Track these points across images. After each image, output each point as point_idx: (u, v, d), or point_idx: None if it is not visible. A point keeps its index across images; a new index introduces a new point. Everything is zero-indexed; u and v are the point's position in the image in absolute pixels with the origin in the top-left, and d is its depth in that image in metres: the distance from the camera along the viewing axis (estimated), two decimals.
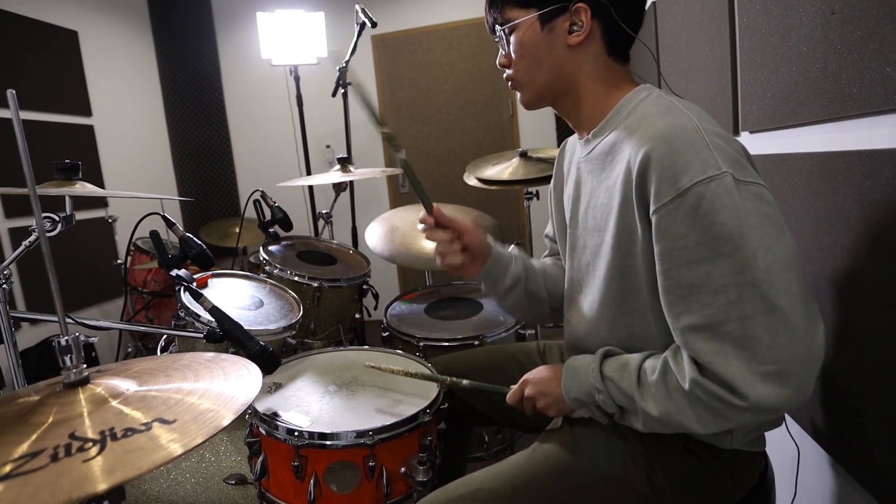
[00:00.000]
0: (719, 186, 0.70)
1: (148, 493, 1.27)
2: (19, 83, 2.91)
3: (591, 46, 0.89)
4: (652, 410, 0.78)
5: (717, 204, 0.70)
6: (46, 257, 0.72)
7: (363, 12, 2.55)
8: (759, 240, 0.70)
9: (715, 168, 0.71)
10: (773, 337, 0.70)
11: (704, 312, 0.72)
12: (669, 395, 0.77)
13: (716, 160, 0.72)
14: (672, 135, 0.75)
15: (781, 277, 0.70)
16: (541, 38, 0.90)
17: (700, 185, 0.71)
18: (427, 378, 1.15)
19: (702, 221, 0.71)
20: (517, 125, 3.91)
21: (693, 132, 0.75)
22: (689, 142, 0.73)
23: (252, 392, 0.69)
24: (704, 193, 0.70)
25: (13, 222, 2.80)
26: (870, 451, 0.90)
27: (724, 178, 0.71)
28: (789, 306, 0.70)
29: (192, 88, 4.12)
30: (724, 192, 0.70)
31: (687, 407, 0.76)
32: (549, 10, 0.88)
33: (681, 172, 0.72)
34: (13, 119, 0.67)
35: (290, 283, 1.73)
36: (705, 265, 0.72)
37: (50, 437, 0.59)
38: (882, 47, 0.79)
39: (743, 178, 0.72)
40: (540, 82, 0.93)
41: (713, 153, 0.72)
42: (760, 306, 0.70)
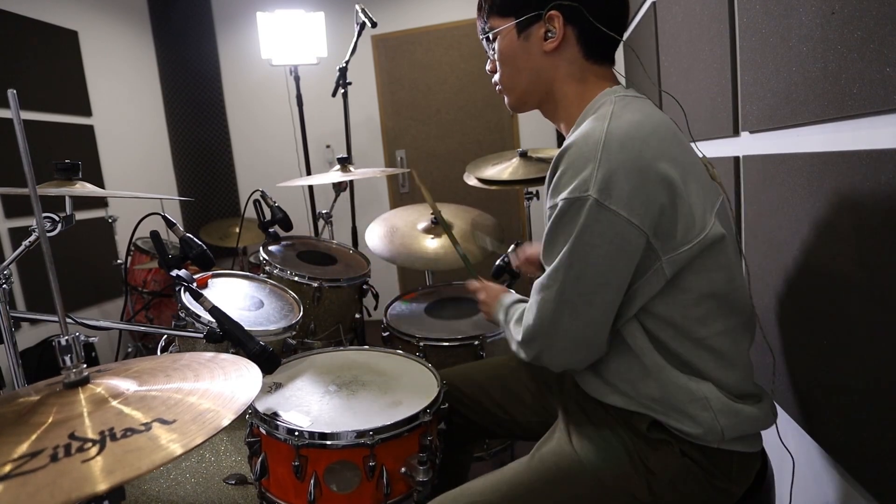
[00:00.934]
0: (581, 207, 0.79)
1: (148, 493, 1.27)
2: (19, 83, 2.91)
3: (566, 51, 0.92)
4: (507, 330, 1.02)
5: (565, 219, 0.82)
6: (46, 257, 0.72)
7: (363, 12, 2.55)
8: (583, 254, 0.81)
9: (583, 189, 0.79)
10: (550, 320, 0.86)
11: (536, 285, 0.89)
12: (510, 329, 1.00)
13: (590, 180, 0.78)
14: (577, 144, 0.82)
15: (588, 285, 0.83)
16: (518, 46, 0.94)
17: (567, 201, 0.80)
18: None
19: (555, 227, 0.84)
20: (517, 125, 3.91)
21: (593, 146, 0.80)
22: (583, 157, 0.80)
23: (252, 392, 0.69)
24: (567, 209, 0.81)
25: (13, 222, 2.80)
26: (869, 451, 0.90)
27: (587, 201, 0.79)
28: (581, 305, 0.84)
29: (192, 88, 4.12)
30: (575, 213, 0.80)
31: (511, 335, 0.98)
32: (525, 19, 0.91)
33: (564, 185, 0.82)
34: (14, 119, 0.67)
35: (290, 283, 1.73)
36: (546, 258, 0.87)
37: (50, 438, 0.59)
38: (882, 47, 0.79)
39: (607, 203, 0.78)
40: (521, 88, 0.98)
41: (596, 171, 0.78)
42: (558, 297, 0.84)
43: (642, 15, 2.23)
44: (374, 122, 4.09)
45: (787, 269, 1.12)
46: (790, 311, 1.13)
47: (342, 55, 2.69)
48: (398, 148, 4.09)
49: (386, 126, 4.09)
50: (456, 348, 1.60)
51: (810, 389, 1.08)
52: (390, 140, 4.09)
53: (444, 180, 4.01)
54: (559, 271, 0.84)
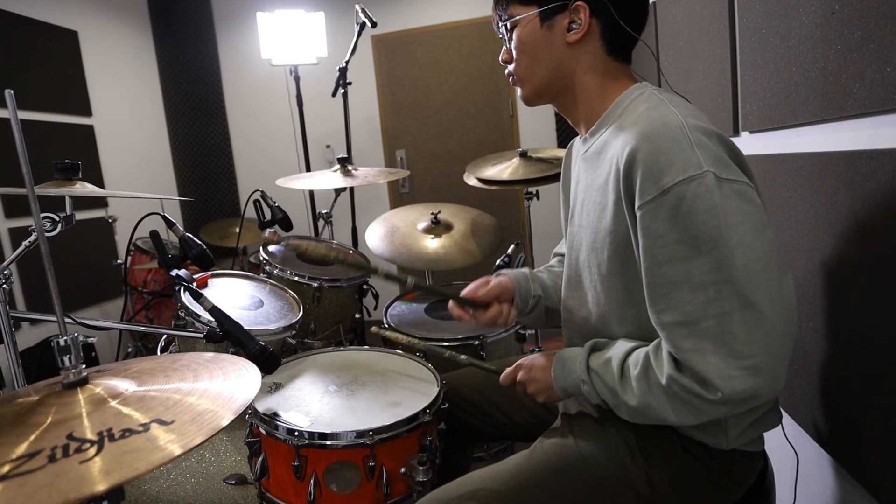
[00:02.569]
0: (700, 185, 0.72)
1: (148, 493, 1.27)
2: (19, 83, 2.91)
3: (589, 44, 0.90)
4: (631, 402, 0.81)
5: (697, 203, 0.72)
6: (46, 257, 0.72)
7: (363, 12, 2.55)
8: (738, 238, 0.72)
9: (696, 167, 0.72)
10: (748, 332, 0.71)
11: (684, 309, 0.74)
12: (650, 389, 0.79)
13: (698, 159, 0.73)
14: (656, 133, 0.76)
15: (759, 275, 0.72)
16: (540, 35, 0.91)
17: (681, 184, 0.72)
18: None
19: (682, 220, 0.73)
20: (517, 125, 3.90)
21: (677, 130, 0.76)
22: (673, 140, 0.75)
23: (251, 392, 0.69)
24: (685, 193, 0.72)
25: (13, 222, 2.80)
26: (870, 452, 0.89)
27: (706, 177, 0.72)
28: (766, 303, 0.71)
29: (192, 88, 4.12)
30: (704, 192, 0.72)
31: (665, 401, 0.78)
32: (550, 8, 0.89)
33: (663, 171, 0.73)
34: (11, 119, 0.67)
35: (290, 283, 1.73)
36: (684, 263, 0.74)
37: (48, 438, 0.59)
38: (882, 47, 0.78)
39: (725, 175, 0.73)
40: (539, 79, 0.95)
41: (696, 151, 0.73)
42: (737, 303, 0.71)
43: None
44: (374, 122, 4.09)
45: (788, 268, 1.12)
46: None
47: (342, 55, 2.69)
48: (398, 148, 4.08)
49: (386, 126, 4.09)
50: (456, 348, 1.60)
51: (811, 390, 1.08)
52: (390, 140, 4.09)
53: (444, 180, 4.01)
54: (719, 270, 0.71)
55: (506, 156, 2.22)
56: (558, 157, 2.13)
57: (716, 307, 0.72)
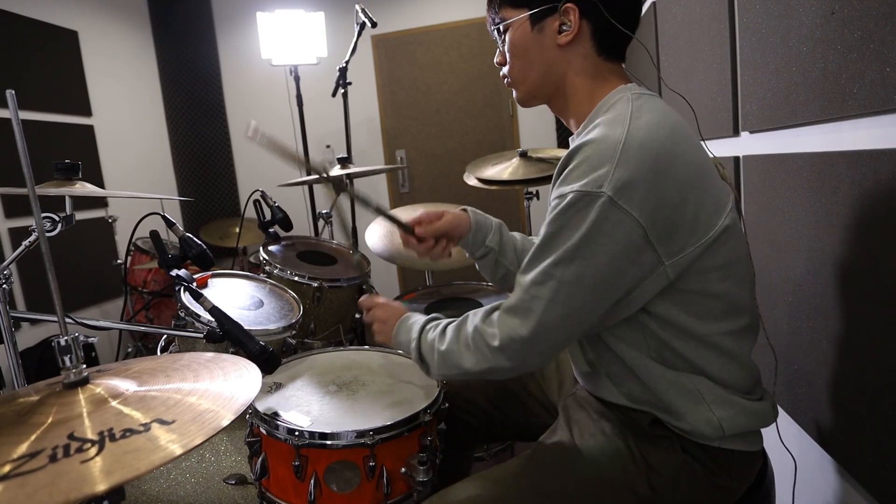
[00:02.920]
0: (591, 203, 0.77)
1: (148, 493, 1.27)
2: (19, 83, 2.91)
3: (580, 46, 0.91)
4: (440, 346, 0.95)
5: (572, 211, 0.79)
6: (46, 257, 0.72)
7: (363, 12, 2.55)
8: (589, 253, 0.79)
9: (597, 185, 0.77)
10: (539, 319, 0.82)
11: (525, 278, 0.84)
12: (457, 338, 0.93)
13: (605, 178, 0.77)
14: (595, 142, 0.80)
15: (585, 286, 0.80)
16: (531, 38, 0.92)
17: (577, 193, 0.78)
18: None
19: (560, 218, 0.80)
20: (517, 125, 3.90)
21: (612, 144, 0.78)
22: (601, 154, 0.78)
23: (252, 392, 0.69)
24: (576, 202, 0.78)
25: (13, 222, 2.80)
26: (871, 452, 0.90)
27: (600, 198, 0.77)
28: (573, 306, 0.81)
29: (192, 88, 4.12)
30: (585, 207, 0.78)
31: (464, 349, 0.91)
32: (540, 11, 0.90)
33: (575, 179, 0.79)
34: (12, 119, 0.67)
35: (290, 283, 1.73)
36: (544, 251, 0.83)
37: (49, 438, 0.59)
38: (882, 47, 0.79)
39: (621, 202, 0.76)
40: (531, 81, 0.96)
41: (613, 172, 0.77)
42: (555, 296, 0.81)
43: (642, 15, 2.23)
44: (374, 122, 4.09)
45: (788, 268, 1.12)
46: (791, 311, 1.12)
47: (342, 55, 2.69)
48: (398, 148, 4.08)
49: (386, 126, 4.09)
50: None
51: (811, 389, 1.08)
52: (390, 140, 4.09)
53: (444, 180, 4.01)
54: (558, 267, 0.80)
55: (506, 156, 2.22)
56: (558, 157, 2.12)
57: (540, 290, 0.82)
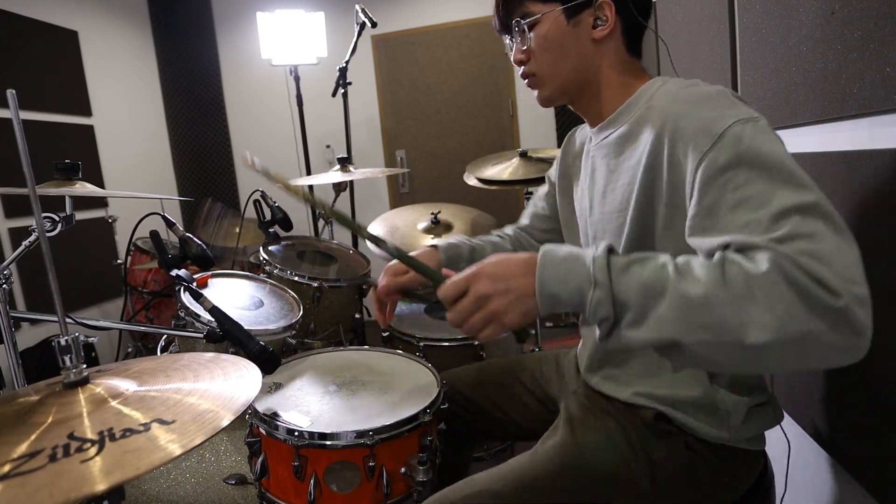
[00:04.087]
0: (756, 126, 0.69)
1: (148, 493, 1.27)
2: (19, 83, 2.91)
3: (613, 41, 0.91)
4: (692, 291, 0.62)
5: (758, 139, 0.68)
6: (46, 257, 0.72)
7: (363, 12, 2.55)
8: (801, 172, 0.66)
9: (747, 114, 0.71)
10: (847, 257, 0.60)
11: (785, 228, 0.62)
12: (730, 278, 0.61)
13: (747, 109, 0.73)
14: (696, 98, 0.77)
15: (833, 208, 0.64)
16: (567, 32, 0.90)
17: (736, 125, 0.69)
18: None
19: (748, 155, 0.67)
20: (517, 125, 3.91)
21: (719, 94, 0.76)
22: (715, 100, 0.75)
23: (252, 392, 0.69)
24: (743, 131, 0.69)
25: (13, 222, 2.80)
26: (870, 451, 0.89)
27: (760, 121, 0.70)
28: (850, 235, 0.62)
29: (192, 88, 4.12)
30: (761, 131, 0.69)
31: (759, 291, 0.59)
32: (575, 4, 0.89)
33: (713, 121, 0.71)
34: (13, 119, 0.67)
35: (290, 283, 1.73)
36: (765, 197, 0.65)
37: (49, 438, 0.59)
38: (882, 47, 0.79)
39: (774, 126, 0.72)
40: (564, 76, 0.93)
41: (740, 107, 0.73)
42: (829, 226, 0.61)
43: None
44: (374, 122, 4.09)
45: None
46: None
47: (342, 55, 2.69)
48: (398, 148, 4.08)
49: (386, 126, 4.09)
50: (456, 348, 1.60)
51: (810, 389, 1.08)
52: (390, 140, 4.09)
53: (444, 180, 4.01)
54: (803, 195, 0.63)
55: (506, 156, 2.22)
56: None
57: (807, 226, 0.61)
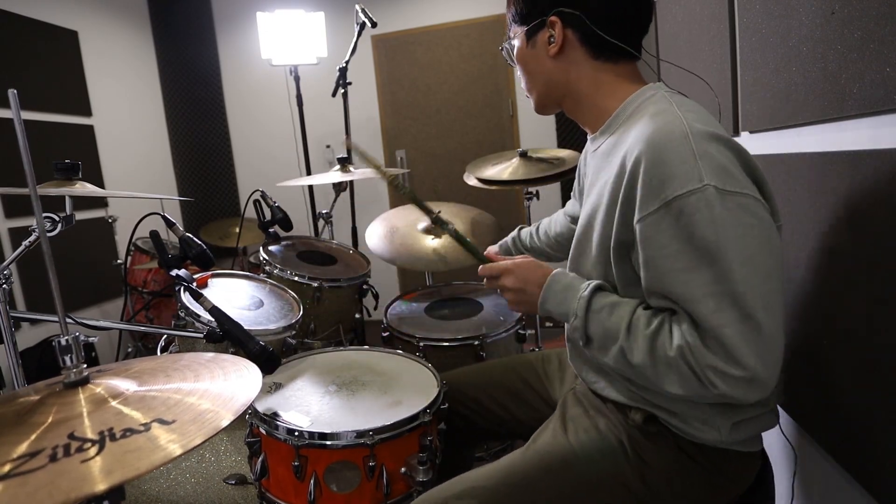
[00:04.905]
0: (700, 200, 0.72)
1: (148, 493, 1.27)
2: (19, 83, 2.91)
3: (571, 53, 0.93)
4: (632, 357, 0.79)
5: (696, 217, 0.72)
6: (46, 257, 0.72)
7: (363, 12, 2.55)
8: (738, 251, 0.71)
9: (697, 181, 0.72)
10: (747, 345, 0.71)
11: (699, 308, 0.73)
12: (653, 353, 0.77)
13: (699, 171, 0.73)
14: (660, 142, 0.76)
15: (758, 289, 0.71)
16: (528, 52, 0.98)
17: (681, 198, 0.72)
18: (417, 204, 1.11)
19: (683, 232, 0.73)
20: (517, 125, 3.90)
21: (681, 140, 0.75)
22: (676, 151, 0.75)
23: (252, 392, 0.69)
24: (684, 207, 0.72)
25: (13, 222, 2.80)
26: (870, 452, 0.89)
27: (706, 190, 0.72)
28: (765, 317, 0.71)
29: (192, 88, 4.12)
30: (703, 206, 0.72)
31: (667, 370, 0.76)
32: (532, 26, 0.94)
33: (664, 184, 0.74)
34: (14, 119, 0.67)
35: (290, 283, 1.73)
36: (687, 274, 0.73)
37: (49, 438, 0.59)
38: (882, 47, 0.79)
39: (728, 188, 0.73)
40: (538, 91, 1.01)
41: (698, 163, 0.73)
42: (737, 315, 0.71)
43: None
44: (374, 122, 4.09)
45: (787, 268, 1.12)
46: (790, 311, 1.12)
47: (342, 55, 2.69)
48: (398, 148, 4.08)
49: (386, 126, 4.09)
50: (456, 348, 1.60)
51: (811, 390, 1.08)
52: (390, 140, 4.09)
53: (445, 180, 4.01)
54: (719, 283, 0.71)
55: (506, 156, 2.22)
56: (558, 157, 2.13)
57: (718, 318, 0.71)
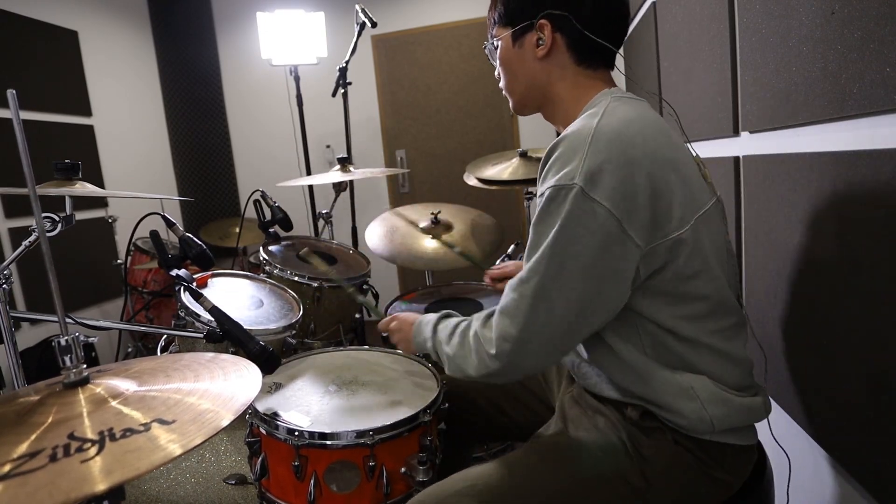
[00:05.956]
0: (567, 195, 0.80)
1: (148, 493, 1.27)
2: (19, 83, 2.91)
3: (557, 57, 0.95)
4: (449, 351, 0.96)
5: (552, 207, 0.82)
6: (46, 257, 0.72)
7: (363, 12, 2.55)
8: (562, 247, 0.81)
9: (569, 178, 0.80)
10: (534, 315, 0.83)
11: (516, 279, 0.86)
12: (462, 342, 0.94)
13: (576, 170, 0.80)
14: (567, 138, 0.84)
15: (567, 278, 0.81)
16: (514, 53, 0.99)
17: (553, 189, 0.82)
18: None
19: (542, 216, 0.84)
20: (517, 125, 3.90)
21: (583, 138, 0.82)
22: (572, 148, 0.82)
23: (252, 392, 0.69)
24: (554, 197, 0.82)
25: (13, 222, 2.80)
26: (868, 450, 0.90)
27: (572, 189, 0.80)
28: (559, 303, 0.82)
29: (192, 88, 4.12)
30: (562, 200, 0.81)
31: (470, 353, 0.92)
32: (520, 28, 0.96)
33: (550, 175, 0.84)
34: (13, 119, 0.67)
35: (290, 283, 1.73)
36: (531, 250, 0.85)
37: (49, 438, 0.59)
38: (882, 47, 0.79)
39: (592, 193, 0.79)
40: (519, 93, 1.02)
41: (584, 162, 0.80)
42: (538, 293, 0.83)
43: (642, 15, 2.23)
44: (374, 122, 4.09)
45: (788, 268, 1.12)
46: (790, 311, 1.13)
47: (342, 55, 2.69)
48: (398, 148, 4.08)
49: (386, 126, 4.09)
50: None
51: (811, 389, 1.08)
52: (390, 140, 4.09)
53: (445, 180, 4.01)
54: (541, 263, 0.82)
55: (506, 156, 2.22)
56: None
57: (524, 289, 0.84)
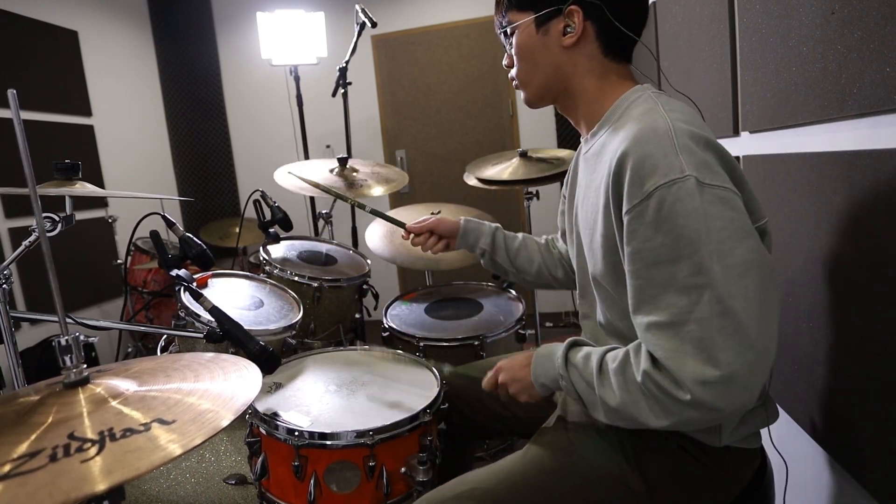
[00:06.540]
0: (681, 190, 0.72)
1: (148, 493, 1.27)
2: (19, 83, 2.91)
3: (585, 47, 0.91)
4: (610, 400, 0.80)
5: (677, 207, 0.72)
6: (46, 257, 0.72)
7: (363, 12, 2.55)
8: (717, 243, 0.72)
9: (678, 171, 0.73)
10: (725, 340, 0.71)
11: (670, 311, 0.74)
12: (626, 385, 0.79)
13: (680, 164, 0.73)
14: (644, 138, 0.77)
15: (738, 283, 0.71)
16: (537, 40, 0.93)
17: (662, 188, 0.73)
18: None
19: (664, 224, 0.73)
20: (517, 125, 3.90)
21: (664, 135, 0.76)
22: (659, 145, 0.76)
23: (252, 392, 0.69)
24: (666, 196, 0.73)
25: (13, 222, 2.80)
26: (869, 451, 0.90)
27: (686, 181, 0.72)
28: (743, 311, 0.71)
29: (192, 88, 4.12)
30: (685, 195, 0.72)
31: (640, 398, 0.77)
32: (545, 13, 0.91)
33: (647, 176, 0.74)
34: (14, 119, 0.67)
35: (290, 283, 1.73)
36: (669, 266, 0.74)
37: (49, 438, 0.59)
38: (882, 47, 0.79)
39: (708, 181, 0.73)
40: (538, 82, 0.97)
41: (680, 157, 0.74)
42: (716, 309, 0.71)
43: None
44: (374, 122, 4.09)
45: (788, 268, 1.12)
46: (790, 311, 1.12)
47: (342, 55, 2.69)
48: (398, 148, 4.08)
49: (386, 126, 4.09)
50: (456, 348, 1.60)
51: (811, 389, 1.08)
52: (390, 140, 4.09)
53: (444, 180, 4.01)
54: (700, 275, 0.71)
55: (506, 156, 2.22)
56: (558, 157, 2.13)
57: (697, 312, 0.72)
